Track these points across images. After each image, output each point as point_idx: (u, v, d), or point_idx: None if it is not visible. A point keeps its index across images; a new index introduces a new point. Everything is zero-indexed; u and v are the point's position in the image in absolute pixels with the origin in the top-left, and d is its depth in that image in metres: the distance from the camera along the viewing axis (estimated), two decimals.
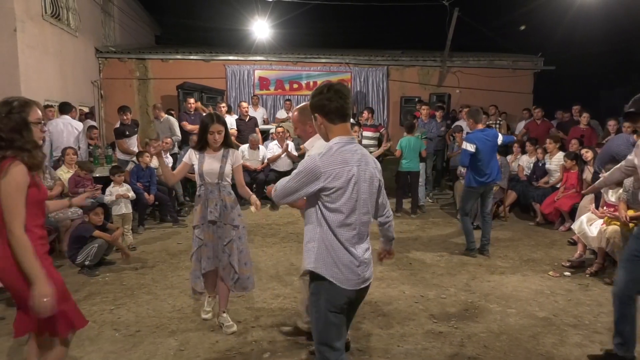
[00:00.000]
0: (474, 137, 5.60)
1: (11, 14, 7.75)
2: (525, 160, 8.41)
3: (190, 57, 12.45)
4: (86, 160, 6.99)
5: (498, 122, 10.18)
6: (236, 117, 9.75)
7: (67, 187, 6.10)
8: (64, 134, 7.24)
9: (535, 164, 8.10)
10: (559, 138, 8.15)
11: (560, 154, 7.59)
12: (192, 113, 9.02)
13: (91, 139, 8.25)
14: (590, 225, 5.26)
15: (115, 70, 12.04)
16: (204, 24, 18.53)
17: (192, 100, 9.32)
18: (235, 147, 3.98)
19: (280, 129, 9.10)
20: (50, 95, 8.84)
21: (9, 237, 2.17)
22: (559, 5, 13.23)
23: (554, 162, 7.66)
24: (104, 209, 5.64)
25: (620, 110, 3.91)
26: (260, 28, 14.05)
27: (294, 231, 6.83)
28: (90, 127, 8.54)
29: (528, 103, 12.10)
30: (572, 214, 6.72)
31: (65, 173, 6.38)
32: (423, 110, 9.60)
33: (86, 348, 3.47)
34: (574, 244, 5.98)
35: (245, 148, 8.81)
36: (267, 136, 10.12)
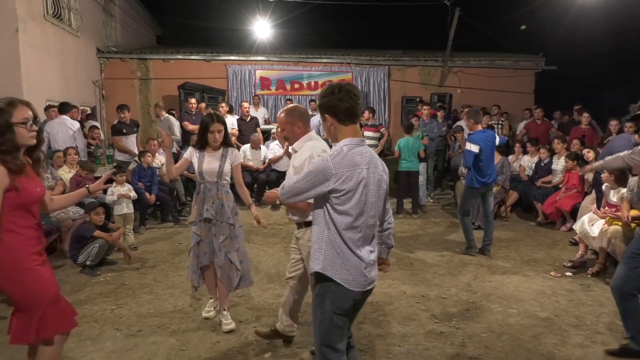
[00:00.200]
0: (477, 138, 5.61)
1: (13, 14, 7.78)
2: (527, 161, 8.39)
3: (192, 57, 12.46)
4: (88, 160, 7.00)
5: (500, 123, 10.17)
6: (237, 117, 9.75)
7: (69, 187, 6.11)
8: (59, 133, 7.26)
9: (537, 164, 8.08)
10: (565, 138, 8.13)
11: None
12: (194, 113, 9.02)
13: (93, 139, 8.25)
14: (592, 226, 5.25)
15: (117, 70, 12.06)
16: (205, 24, 18.55)
17: (194, 100, 9.31)
18: (235, 147, 4.00)
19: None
20: (52, 95, 8.85)
21: None
22: (560, 5, 13.22)
23: (560, 163, 7.56)
24: (105, 209, 5.65)
25: (622, 110, 3.92)
26: (262, 28, 14.04)
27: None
28: (92, 127, 8.55)
29: (529, 103, 12.07)
30: (574, 214, 6.72)
31: (66, 173, 6.38)
32: (424, 111, 9.61)
33: (87, 348, 3.47)
34: (575, 244, 5.98)
35: (247, 148, 8.82)
36: (269, 136, 10.11)
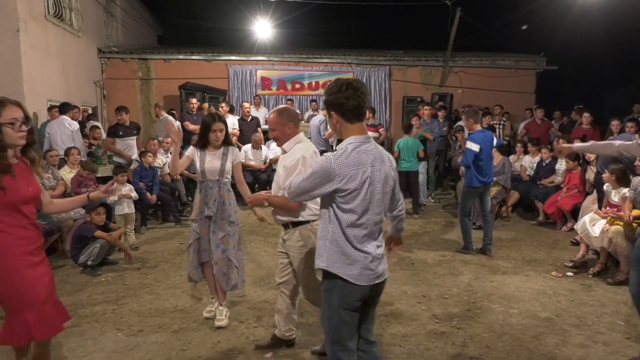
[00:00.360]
0: (477, 137, 5.62)
1: (14, 14, 7.78)
2: (528, 161, 8.38)
3: (193, 57, 12.46)
4: (89, 160, 7.01)
5: (502, 123, 10.15)
6: (238, 118, 9.75)
7: (70, 187, 6.12)
8: (58, 133, 7.28)
9: (538, 164, 8.07)
10: (569, 138, 8.11)
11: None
12: (195, 113, 9.03)
13: (94, 139, 8.26)
14: (593, 226, 5.24)
15: (118, 71, 12.06)
16: (206, 24, 18.53)
17: (195, 100, 9.31)
18: (235, 146, 4.05)
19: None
20: (53, 96, 8.86)
21: None
22: (561, 4, 13.18)
23: (563, 163, 7.50)
24: (106, 209, 5.66)
25: (623, 110, 3.91)
26: (263, 28, 14.03)
27: None
28: (93, 127, 8.55)
29: (531, 103, 12.05)
30: (574, 214, 6.71)
31: (67, 173, 6.39)
32: (425, 111, 9.60)
33: (89, 348, 3.48)
34: (576, 244, 5.97)
35: (248, 148, 8.82)
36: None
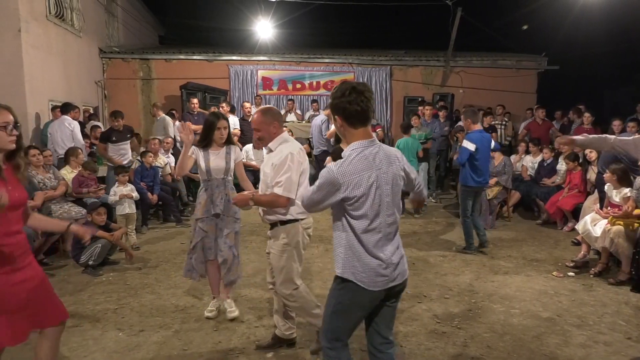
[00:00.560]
0: (474, 137, 5.62)
1: (15, 14, 7.79)
2: (529, 161, 8.37)
3: (194, 57, 12.46)
4: (90, 160, 7.02)
5: (504, 123, 10.14)
6: (239, 118, 9.76)
7: (71, 187, 6.12)
8: (58, 133, 7.30)
9: (540, 164, 8.07)
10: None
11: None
12: (196, 113, 9.04)
13: (95, 139, 8.27)
14: (594, 226, 5.24)
15: (119, 71, 12.07)
16: (207, 24, 18.54)
17: (196, 100, 9.33)
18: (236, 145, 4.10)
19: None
20: (54, 96, 8.88)
21: None
22: (563, 4, 13.16)
23: (564, 163, 7.45)
24: (107, 209, 5.66)
25: (624, 110, 3.91)
26: (264, 28, 14.04)
27: None
28: (94, 127, 8.57)
29: (532, 103, 12.04)
30: (575, 214, 6.70)
31: (69, 173, 6.40)
32: (426, 111, 9.59)
33: (90, 347, 3.48)
34: (577, 244, 5.96)
35: (249, 148, 8.82)
36: None
